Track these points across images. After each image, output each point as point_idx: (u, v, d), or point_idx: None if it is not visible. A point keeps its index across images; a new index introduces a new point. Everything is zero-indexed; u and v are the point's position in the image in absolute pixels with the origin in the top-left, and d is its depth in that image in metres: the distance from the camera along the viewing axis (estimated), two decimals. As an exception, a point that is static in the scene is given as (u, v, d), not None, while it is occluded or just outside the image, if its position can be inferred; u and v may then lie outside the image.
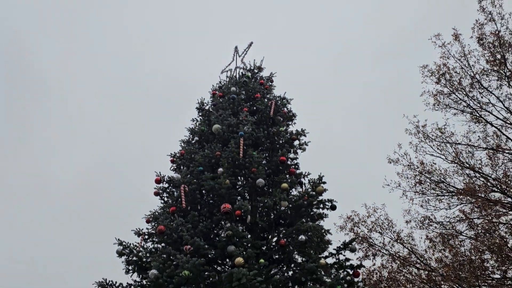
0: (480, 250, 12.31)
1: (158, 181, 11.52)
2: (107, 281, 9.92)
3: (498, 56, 13.54)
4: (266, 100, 12.78)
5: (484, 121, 13.96)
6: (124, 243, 10.32)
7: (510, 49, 13.50)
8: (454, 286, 12.33)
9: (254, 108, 12.66)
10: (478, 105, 13.92)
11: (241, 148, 10.91)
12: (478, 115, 14.00)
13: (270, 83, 13.53)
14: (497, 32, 13.62)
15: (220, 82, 13.87)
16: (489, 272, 12.37)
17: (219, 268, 10.53)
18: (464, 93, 14.03)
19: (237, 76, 13.69)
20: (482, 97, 13.96)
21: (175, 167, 11.99)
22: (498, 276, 12.31)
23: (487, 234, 12.40)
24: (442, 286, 12.75)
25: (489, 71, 13.78)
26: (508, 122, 13.63)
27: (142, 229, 10.91)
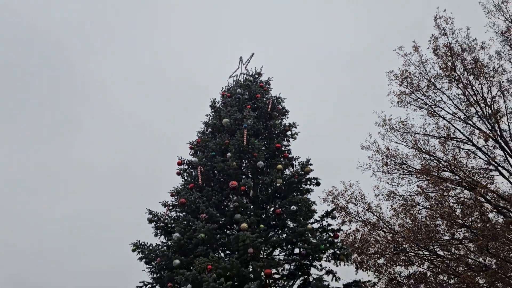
0: (434, 217, 12.65)
1: (179, 164, 11.88)
2: (140, 242, 10.32)
3: (449, 64, 13.76)
4: (264, 99, 12.97)
5: (437, 115, 14.25)
6: (153, 213, 10.72)
7: (458, 57, 13.69)
8: (413, 245, 12.68)
9: (255, 105, 12.83)
10: (433, 102, 14.23)
11: (245, 137, 11.13)
12: (432, 110, 14.24)
13: (268, 86, 13.72)
14: (448, 44, 13.84)
15: (228, 85, 14.03)
16: (440, 235, 12.65)
17: (228, 232, 10.80)
18: (422, 93, 14.31)
19: (242, 80, 13.89)
20: (436, 96, 14.27)
21: (193, 153, 12.27)
22: (448, 238, 12.68)
23: (439, 205, 12.71)
24: (404, 245, 12.93)
25: (442, 75, 14.03)
26: (456, 116, 13.95)
27: (167, 201, 11.29)
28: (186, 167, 11.95)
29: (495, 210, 12.50)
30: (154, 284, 10.07)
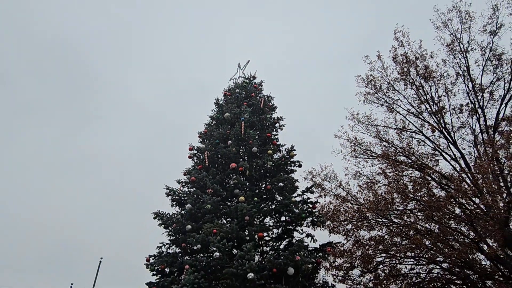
0: (391, 192, 12.64)
1: (190, 149, 12.03)
2: (160, 211, 10.51)
3: (405, 69, 13.86)
4: (258, 97, 13.12)
5: (395, 111, 14.32)
6: (170, 188, 10.91)
7: (413, 64, 13.80)
8: (374, 214, 12.70)
9: (251, 102, 12.95)
10: (392, 101, 14.32)
11: (242, 128, 11.34)
12: (391, 107, 14.34)
13: (260, 87, 13.84)
14: (405, 53, 13.90)
15: (229, 86, 14.14)
16: (396, 206, 12.64)
17: (229, 203, 10.93)
18: (383, 93, 14.41)
19: (240, 82, 14.02)
20: (394, 96, 14.34)
21: (201, 140, 12.39)
22: (401, 208, 12.69)
23: (395, 182, 12.71)
24: (367, 214, 12.89)
25: (399, 79, 14.10)
26: (410, 112, 14.07)
27: (181, 179, 11.45)
28: (196, 152, 12.03)
29: (438, 187, 12.59)
30: (170, 245, 10.26)
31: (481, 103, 13.09)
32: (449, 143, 13.31)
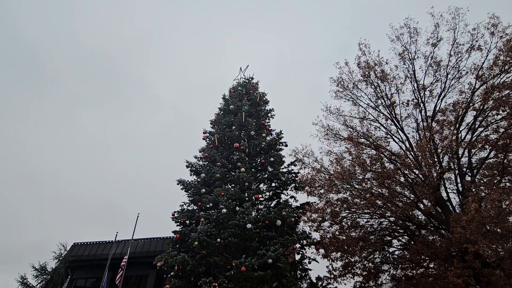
0: (353, 165, 12.57)
1: (204, 133, 11.96)
2: (181, 179, 10.47)
3: (366, 73, 13.70)
4: (255, 94, 12.97)
5: (358, 105, 14.23)
6: (188, 162, 10.94)
7: (372, 69, 13.62)
8: (340, 182, 12.53)
9: (249, 97, 12.83)
10: (356, 97, 14.20)
11: (243, 117, 11.28)
12: (355, 101, 14.25)
13: (257, 85, 13.63)
14: (366, 60, 13.74)
15: (233, 85, 13.89)
16: (357, 176, 12.56)
17: (233, 173, 10.87)
18: (350, 91, 14.27)
19: (241, 82, 13.81)
20: (358, 93, 14.18)
21: (212, 126, 12.24)
22: (361, 177, 12.57)
23: (357, 158, 12.69)
24: (335, 182, 12.65)
25: (362, 80, 13.94)
26: (369, 105, 13.99)
27: (197, 155, 11.38)
28: (208, 135, 11.98)
29: (389, 162, 12.67)
30: (189, 203, 10.35)
31: (423, 99, 13.07)
32: (398, 129, 13.35)
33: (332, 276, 11.73)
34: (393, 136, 13.47)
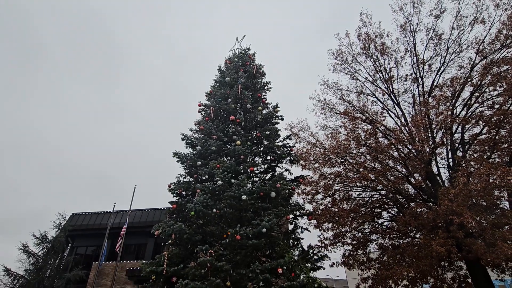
0: (348, 140, 12.64)
1: (199, 105, 11.75)
2: (177, 152, 10.41)
3: (366, 45, 13.38)
4: (251, 65, 12.65)
5: (356, 79, 14.04)
6: (184, 134, 10.85)
7: (372, 41, 13.30)
8: (335, 156, 12.65)
9: (246, 69, 12.53)
10: (354, 70, 13.97)
11: (239, 90, 11.07)
12: (354, 75, 14.03)
13: (254, 57, 13.29)
14: (367, 32, 13.38)
15: (229, 56, 13.54)
16: (351, 150, 12.67)
17: (228, 146, 10.77)
18: (348, 64, 14.00)
19: (237, 53, 13.41)
20: (356, 66, 13.95)
21: (207, 99, 12.07)
22: (355, 152, 12.73)
23: (352, 132, 12.73)
24: (330, 156, 12.81)
25: (361, 53, 13.66)
26: (367, 79, 13.81)
27: (193, 128, 11.29)
28: (203, 107, 11.82)
29: (383, 136, 12.70)
30: (186, 176, 10.39)
31: (421, 74, 12.93)
32: (395, 104, 13.33)
33: (323, 245, 12.32)
34: (389, 111, 13.47)
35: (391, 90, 13.32)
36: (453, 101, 11.78)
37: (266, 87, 12.62)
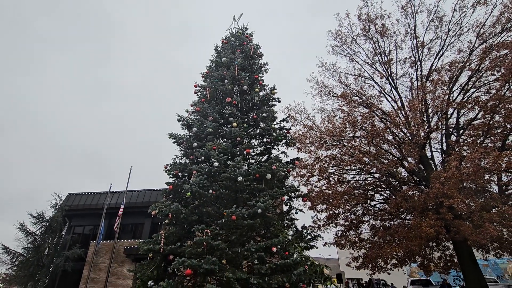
0: (344, 123, 12.64)
1: (195, 86, 11.51)
2: (173, 133, 10.30)
3: (367, 26, 13.20)
4: (249, 46, 12.32)
5: (355, 61, 13.91)
6: (180, 115, 10.59)
7: (373, 22, 13.08)
8: (330, 139, 12.81)
9: (243, 50, 12.17)
10: (353, 52, 13.81)
11: (236, 70, 10.85)
12: (352, 58, 13.87)
13: (251, 36, 12.81)
14: (368, 12, 13.16)
15: (226, 35, 13.07)
16: (347, 133, 12.79)
17: (225, 128, 10.69)
18: (347, 46, 13.81)
19: (234, 32, 12.97)
20: (355, 48, 13.79)
21: (203, 79, 11.77)
22: (351, 135, 12.89)
23: (349, 116, 12.75)
24: (326, 139, 13.00)
25: (361, 34, 13.47)
26: (366, 62, 13.70)
27: (189, 109, 11.04)
28: (199, 88, 11.58)
29: (379, 120, 12.75)
30: (182, 157, 10.33)
31: (420, 57, 12.84)
32: (392, 88, 13.32)
33: (316, 225, 12.67)
34: (386, 95, 13.47)
35: (389, 73, 13.25)
36: (451, 85, 11.77)
37: (263, 69, 12.31)
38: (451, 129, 12.14)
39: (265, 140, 11.00)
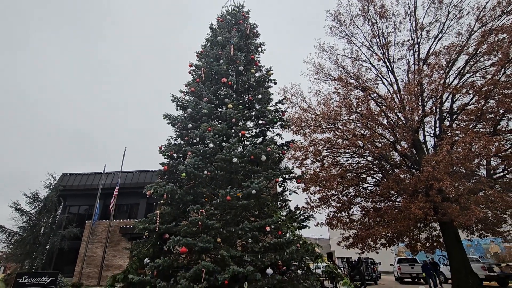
0: (340, 106, 12.70)
1: (190, 66, 11.25)
2: (168, 113, 10.12)
3: (366, 7, 12.93)
4: (245, 24, 11.93)
5: (352, 43, 13.72)
6: (174, 96, 10.40)
7: (372, 3, 12.81)
8: (326, 122, 12.87)
9: (239, 29, 11.81)
10: (351, 34, 13.60)
11: (232, 50, 10.59)
12: (350, 39, 13.68)
13: (248, 15, 12.39)
14: None
15: (221, 13, 12.59)
16: (342, 117, 12.81)
17: (220, 109, 10.42)
18: (346, 27, 13.58)
19: (231, 10, 12.53)
20: (354, 30, 13.57)
21: (198, 59, 11.46)
22: (346, 119, 12.93)
23: (344, 99, 12.75)
24: (321, 122, 13.01)
25: (360, 15, 13.23)
26: (364, 44, 13.54)
27: (183, 90, 10.87)
28: (194, 68, 11.30)
29: (375, 104, 12.77)
30: (176, 138, 10.20)
31: (419, 40, 12.71)
32: (389, 71, 13.28)
33: (309, 206, 12.95)
34: (383, 78, 13.45)
35: (387, 56, 13.14)
36: (447, 69, 11.75)
37: (259, 49, 11.98)
38: (445, 114, 12.25)
39: (260, 122, 10.92)
